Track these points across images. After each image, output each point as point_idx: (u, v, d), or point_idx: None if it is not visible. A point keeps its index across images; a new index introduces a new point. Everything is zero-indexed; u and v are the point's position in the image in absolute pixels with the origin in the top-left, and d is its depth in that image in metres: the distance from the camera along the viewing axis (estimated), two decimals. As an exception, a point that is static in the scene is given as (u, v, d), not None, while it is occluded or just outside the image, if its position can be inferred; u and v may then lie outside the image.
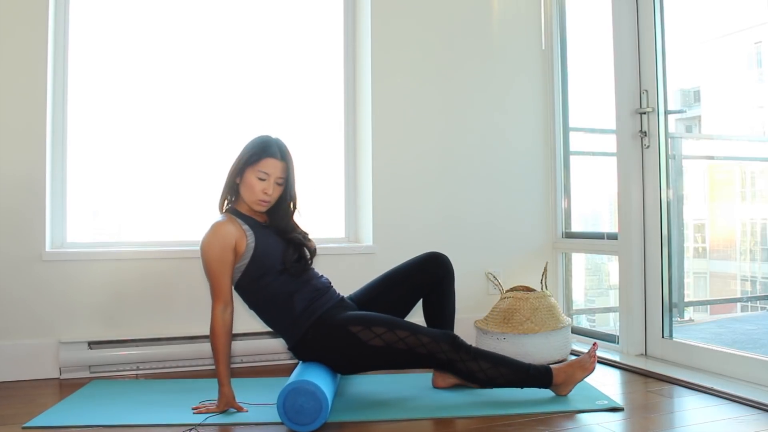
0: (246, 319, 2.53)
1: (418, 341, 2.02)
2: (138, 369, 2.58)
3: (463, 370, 2.05)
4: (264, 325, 2.23)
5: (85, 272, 2.58)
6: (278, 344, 2.69)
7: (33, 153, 2.55)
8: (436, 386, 2.31)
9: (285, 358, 2.76)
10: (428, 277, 2.30)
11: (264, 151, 2.09)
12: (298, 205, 2.21)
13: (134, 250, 2.69)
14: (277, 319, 2.14)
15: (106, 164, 2.82)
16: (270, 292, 2.09)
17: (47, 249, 2.57)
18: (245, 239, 2.06)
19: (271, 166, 2.08)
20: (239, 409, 2.00)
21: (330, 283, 2.25)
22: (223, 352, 1.99)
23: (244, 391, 2.14)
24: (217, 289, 2.01)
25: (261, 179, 2.08)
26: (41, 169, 2.56)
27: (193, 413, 1.98)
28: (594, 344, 2.18)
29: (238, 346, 2.64)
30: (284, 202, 2.17)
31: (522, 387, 2.10)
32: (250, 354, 2.71)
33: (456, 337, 2.07)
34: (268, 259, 2.08)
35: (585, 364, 2.13)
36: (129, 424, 1.91)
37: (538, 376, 2.09)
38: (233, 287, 2.12)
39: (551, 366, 2.13)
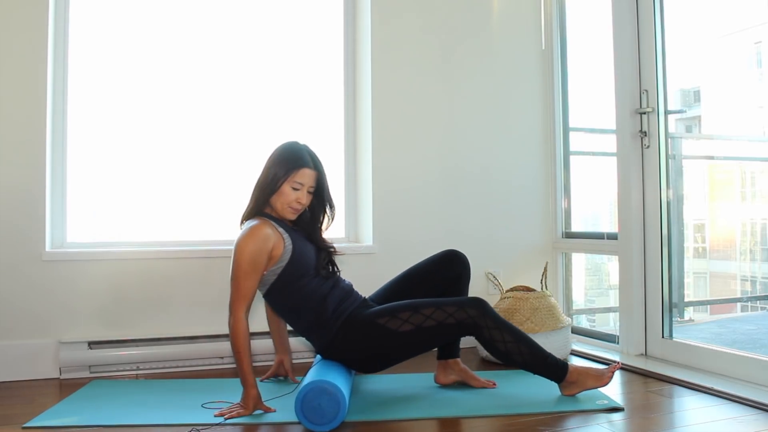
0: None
1: (445, 313, 2.04)
2: (138, 369, 2.58)
3: (486, 338, 2.06)
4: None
5: (85, 272, 2.59)
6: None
7: (33, 153, 2.55)
8: (437, 381, 2.31)
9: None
10: (446, 274, 2.30)
11: (299, 161, 2.12)
12: (334, 210, 2.25)
13: (134, 250, 2.69)
14: (309, 322, 2.12)
15: (105, 164, 2.82)
16: (305, 294, 2.09)
17: (47, 249, 2.57)
18: (282, 242, 2.06)
19: (306, 176, 2.12)
20: (267, 410, 1.98)
21: (352, 285, 2.26)
22: (248, 354, 1.98)
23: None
24: (243, 290, 1.99)
25: (295, 189, 2.11)
26: (41, 169, 2.56)
27: (224, 418, 1.91)
28: (618, 363, 2.23)
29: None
30: (312, 209, 2.22)
31: (535, 373, 2.10)
32: (252, 354, 2.69)
33: (483, 302, 2.07)
34: (305, 259, 2.10)
35: (601, 376, 2.13)
36: (129, 424, 1.91)
37: (554, 367, 2.09)
38: (264, 294, 2.13)
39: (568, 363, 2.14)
